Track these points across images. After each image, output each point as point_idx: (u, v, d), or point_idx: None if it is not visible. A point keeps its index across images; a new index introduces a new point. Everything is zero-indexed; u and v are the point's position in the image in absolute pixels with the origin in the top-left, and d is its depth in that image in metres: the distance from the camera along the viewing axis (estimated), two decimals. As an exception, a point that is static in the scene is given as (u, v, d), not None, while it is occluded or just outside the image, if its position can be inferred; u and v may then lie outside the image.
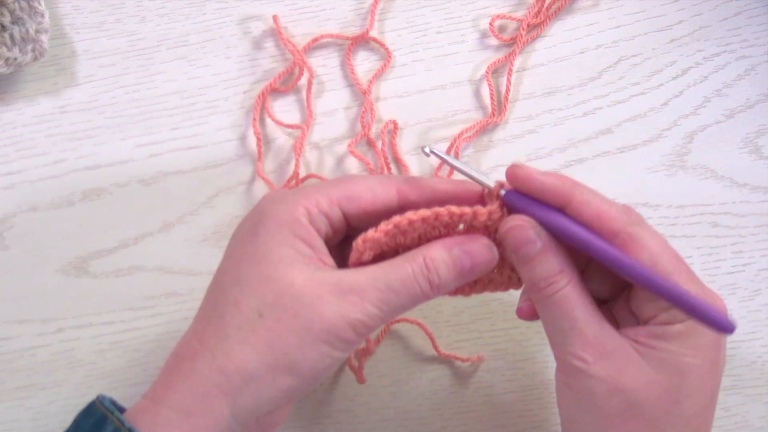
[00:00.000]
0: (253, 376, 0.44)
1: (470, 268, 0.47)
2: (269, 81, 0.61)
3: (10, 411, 0.59)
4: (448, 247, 0.47)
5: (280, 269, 0.45)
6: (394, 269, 0.46)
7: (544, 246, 0.46)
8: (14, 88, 0.61)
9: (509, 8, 0.63)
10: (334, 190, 0.48)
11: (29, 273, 0.60)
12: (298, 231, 0.46)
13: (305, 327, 0.44)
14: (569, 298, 0.46)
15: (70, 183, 0.61)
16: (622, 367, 0.45)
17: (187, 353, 0.46)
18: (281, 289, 0.45)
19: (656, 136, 0.63)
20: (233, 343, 0.45)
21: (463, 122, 0.62)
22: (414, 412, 0.61)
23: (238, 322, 0.45)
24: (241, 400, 0.44)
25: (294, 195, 0.47)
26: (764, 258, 0.62)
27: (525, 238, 0.46)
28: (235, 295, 0.46)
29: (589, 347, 0.45)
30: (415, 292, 0.46)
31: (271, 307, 0.45)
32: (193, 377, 0.45)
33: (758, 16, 0.64)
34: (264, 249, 0.46)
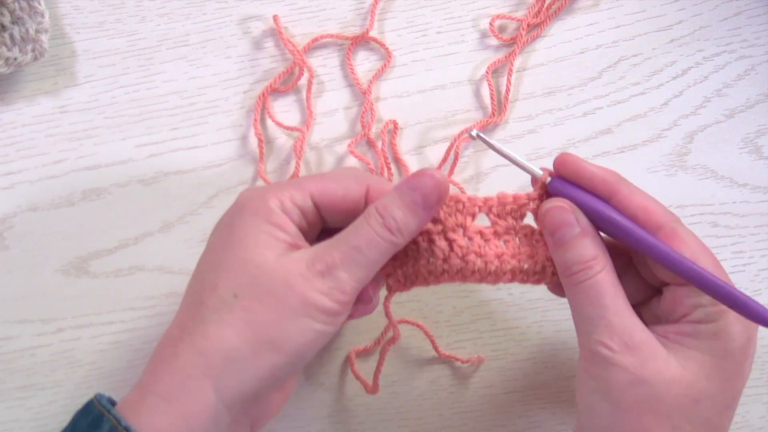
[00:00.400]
0: (233, 354, 0.44)
1: (422, 201, 0.47)
2: (269, 81, 0.61)
3: (10, 411, 0.59)
4: (397, 190, 0.47)
5: (254, 251, 0.46)
6: (354, 228, 0.47)
7: (583, 230, 0.46)
8: (14, 88, 0.61)
9: (509, 8, 0.63)
10: (307, 185, 0.49)
11: (29, 273, 0.60)
12: (271, 218, 0.47)
13: (281, 301, 0.45)
14: (601, 285, 0.46)
15: (70, 183, 0.61)
16: (647, 360, 0.45)
17: (169, 341, 0.47)
18: (255, 270, 0.45)
19: (656, 136, 0.63)
20: (210, 324, 0.45)
21: (463, 122, 0.62)
22: (414, 412, 0.61)
23: (214, 305, 0.45)
24: (224, 381, 0.44)
25: (268, 188, 0.49)
26: (764, 258, 0.62)
27: (564, 221, 0.46)
28: (212, 280, 0.46)
29: (615, 336, 0.45)
30: (378, 243, 0.46)
31: (246, 287, 0.45)
32: (173, 362, 0.45)
33: (758, 16, 0.64)
34: (239, 235, 0.47)
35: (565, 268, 0.47)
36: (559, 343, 0.61)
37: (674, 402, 0.45)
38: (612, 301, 0.46)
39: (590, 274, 0.46)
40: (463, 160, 0.62)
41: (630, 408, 0.45)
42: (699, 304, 0.46)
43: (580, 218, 0.46)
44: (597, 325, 0.45)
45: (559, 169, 0.48)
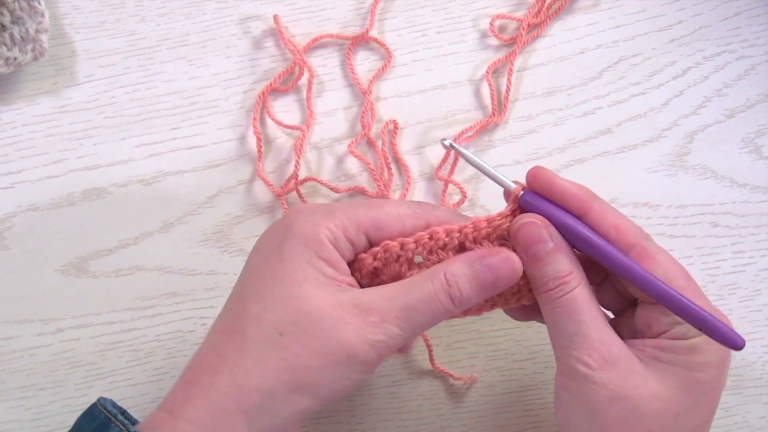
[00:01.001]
0: (271, 395, 0.44)
1: (492, 282, 0.46)
2: (269, 81, 0.61)
3: (10, 411, 0.59)
4: (469, 261, 0.46)
5: (303, 289, 0.45)
6: (415, 286, 0.46)
7: (556, 246, 0.46)
8: (14, 88, 0.61)
9: (509, 8, 0.63)
10: (363, 217, 0.47)
11: (29, 273, 0.60)
12: (322, 252, 0.46)
13: (325, 348, 0.44)
14: (577, 301, 0.45)
15: (70, 183, 0.61)
16: (626, 375, 0.44)
17: (206, 366, 0.45)
18: (303, 309, 0.44)
19: (656, 136, 0.63)
20: (253, 360, 0.44)
21: (463, 122, 0.62)
22: (414, 412, 0.61)
23: (258, 339, 0.44)
24: (258, 419, 0.44)
25: (323, 215, 0.47)
26: (764, 258, 0.62)
27: (537, 236, 0.46)
28: (257, 311, 0.45)
29: (594, 352, 0.45)
30: (436, 309, 0.45)
31: (291, 327, 0.44)
32: (211, 392, 0.44)
33: (758, 15, 0.64)
34: (289, 267, 0.45)
35: (541, 284, 0.46)
36: (559, 343, 0.61)
37: (655, 417, 0.44)
38: (589, 317, 0.45)
39: (566, 289, 0.45)
40: (463, 160, 0.62)
41: (611, 425, 0.45)
42: (675, 321, 0.46)
43: (552, 234, 0.46)
44: (574, 341, 0.45)
45: (531, 184, 0.47)
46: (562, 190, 0.46)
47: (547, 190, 0.47)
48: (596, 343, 0.45)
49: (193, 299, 0.60)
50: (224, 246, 0.61)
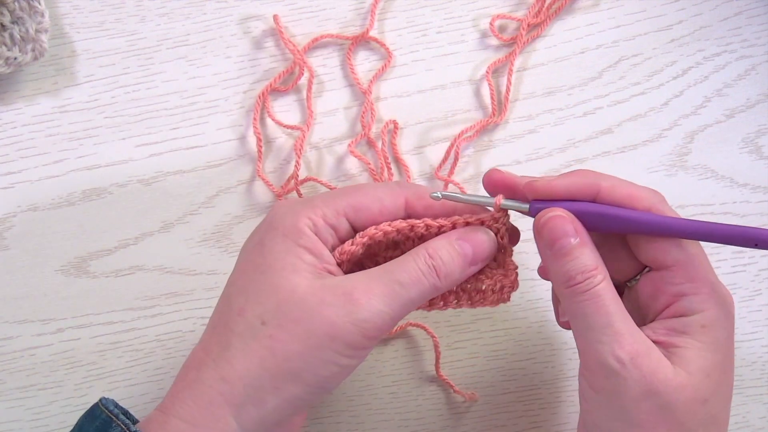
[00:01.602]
0: (255, 384, 0.44)
1: (473, 254, 0.47)
2: (269, 81, 0.61)
3: (10, 411, 0.59)
4: (449, 238, 0.47)
5: (284, 277, 0.45)
6: (398, 264, 0.46)
7: (581, 241, 0.46)
8: (14, 88, 0.61)
9: (509, 8, 0.63)
10: (341, 201, 0.47)
11: (29, 273, 0.60)
12: (302, 241, 0.46)
13: (307, 332, 0.44)
14: (606, 295, 0.45)
15: (70, 183, 0.61)
16: (655, 369, 0.44)
17: (193, 363, 0.46)
18: (284, 296, 0.44)
19: (656, 135, 0.63)
20: (235, 351, 0.44)
21: (463, 122, 0.62)
22: (414, 412, 0.61)
23: (241, 331, 0.45)
24: (245, 410, 0.44)
25: (301, 206, 0.47)
26: (765, 258, 0.62)
27: (562, 231, 0.45)
28: (240, 304, 0.45)
29: (626, 344, 0.44)
30: (421, 283, 0.46)
31: (273, 314, 0.44)
32: (197, 387, 0.45)
33: (759, 15, 0.64)
34: (269, 259, 0.46)
35: (567, 278, 0.45)
36: (559, 343, 0.61)
37: (685, 408, 0.44)
38: (616, 309, 0.45)
39: (594, 282, 0.45)
40: (463, 160, 0.62)
41: (644, 422, 0.44)
42: (681, 293, 0.46)
43: (578, 228, 0.46)
44: (605, 334, 0.44)
45: (533, 197, 0.47)
46: (565, 189, 0.46)
47: (550, 196, 0.47)
48: (627, 336, 0.44)
49: (193, 299, 0.60)
50: (224, 246, 0.61)
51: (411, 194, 0.49)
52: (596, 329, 0.45)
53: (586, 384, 0.46)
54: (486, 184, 0.49)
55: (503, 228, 0.48)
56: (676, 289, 0.46)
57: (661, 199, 0.47)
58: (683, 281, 0.46)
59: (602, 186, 0.46)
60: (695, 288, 0.46)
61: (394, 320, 0.45)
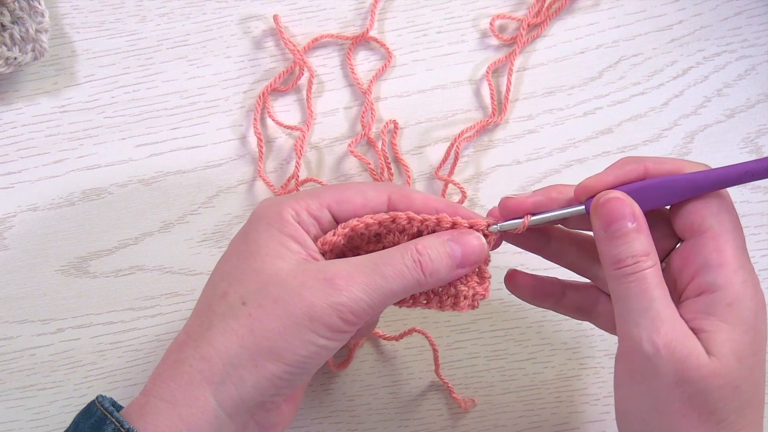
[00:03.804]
0: (233, 361, 0.44)
1: (462, 256, 0.47)
2: (269, 81, 0.61)
3: (10, 411, 0.59)
4: (440, 237, 0.47)
5: (267, 261, 0.46)
6: (384, 256, 0.46)
7: (638, 226, 0.46)
8: (14, 88, 0.61)
9: (509, 8, 0.63)
10: (325, 194, 0.48)
11: (29, 273, 0.60)
12: (286, 229, 0.47)
13: (287, 311, 0.44)
14: (652, 280, 0.45)
15: (70, 183, 0.61)
16: (687, 356, 0.44)
17: (174, 346, 0.47)
18: (266, 278, 0.45)
19: (657, 135, 0.63)
20: (215, 330, 0.45)
21: (463, 122, 0.62)
22: (414, 412, 0.61)
23: (222, 311, 0.45)
24: (224, 388, 0.44)
25: (285, 199, 0.48)
26: (764, 258, 0.62)
27: (620, 213, 0.46)
28: (223, 288, 0.46)
29: (662, 331, 0.44)
30: (404, 277, 0.46)
31: (254, 295, 0.45)
32: (177, 367, 0.45)
33: (759, 15, 0.64)
34: (253, 246, 0.47)
35: (616, 260, 0.46)
36: (559, 343, 0.61)
37: (718, 395, 0.44)
38: (660, 294, 0.45)
39: (643, 266, 0.45)
40: (463, 160, 0.62)
41: (675, 407, 0.44)
42: (706, 263, 0.45)
43: (636, 212, 0.46)
44: (645, 317, 0.45)
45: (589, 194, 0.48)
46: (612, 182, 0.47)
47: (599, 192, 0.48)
48: (665, 321, 0.44)
49: (193, 299, 0.60)
50: (224, 246, 0.60)
51: (395, 192, 0.49)
52: (636, 312, 0.45)
53: (623, 369, 0.46)
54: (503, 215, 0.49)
55: (493, 236, 0.49)
56: (702, 259, 0.46)
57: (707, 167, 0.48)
58: (711, 251, 0.46)
59: (648, 166, 0.47)
60: (721, 259, 0.45)
61: (374, 309, 0.46)
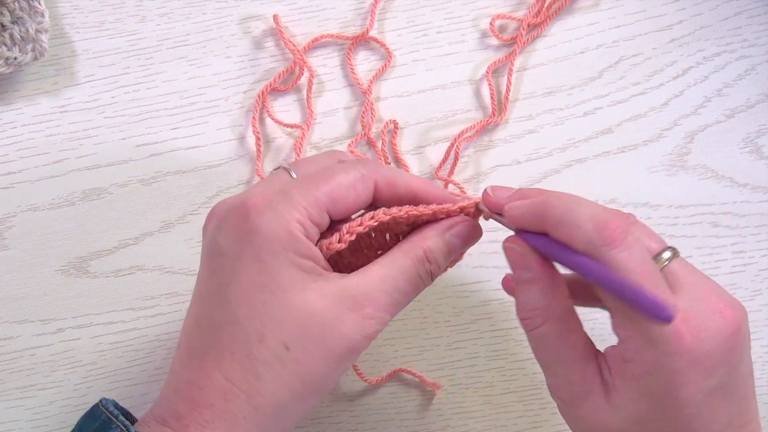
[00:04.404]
0: (286, 407, 0.45)
1: (460, 247, 0.49)
2: (269, 80, 0.61)
3: (10, 411, 0.59)
4: (441, 233, 0.48)
5: (296, 296, 0.44)
6: (398, 268, 0.46)
7: (532, 277, 0.45)
8: (14, 88, 0.61)
9: (509, 8, 0.63)
10: (319, 194, 0.46)
11: (29, 273, 0.60)
12: (300, 250, 0.45)
13: (329, 351, 0.45)
14: (545, 338, 0.45)
15: (70, 183, 0.61)
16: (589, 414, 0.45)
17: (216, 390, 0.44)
18: (301, 316, 0.44)
19: (657, 135, 0.63)
20: (265, 382, 0.44)
21: (463, 122, 0.62)
22: (414, 412, 0.61)
23: (266, 358, 0.44)
24: (270, 428, 0.45)
25: (284, 206, 0.45)
26: (765, 258, 0.62)
27: (514, 262, 0.46)
28: (257, 328, 0.44)
29: (562, 389, 0.46)
30: (418, 287, 0.47)
31: (295, 338, 0.44)
32: (228, 417, 0.44)
33: (759, 15, 0.64)
34: (276, 276, 0.44)
35: (518, 309, 0.46)
36: (559, 343, 0.61)
37: None
38: (555, 352, 0.45)
39: (534, 324, 0.45)
40: (463, 160, 0.62)
41: None
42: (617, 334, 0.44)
43: (531, 263, 0.45)
44: (548, 373, 0.47)
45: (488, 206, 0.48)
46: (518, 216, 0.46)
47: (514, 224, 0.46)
48: (562, 380, 0.46)
49: (193, 299, 0.60)
50: (224, 246, 0.60)
51: (381, 180, 0.48)
52: (542, 365, 0.47)
53: None
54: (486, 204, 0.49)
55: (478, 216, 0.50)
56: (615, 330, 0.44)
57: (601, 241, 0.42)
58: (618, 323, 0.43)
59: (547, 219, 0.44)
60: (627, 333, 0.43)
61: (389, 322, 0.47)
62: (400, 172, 0.50)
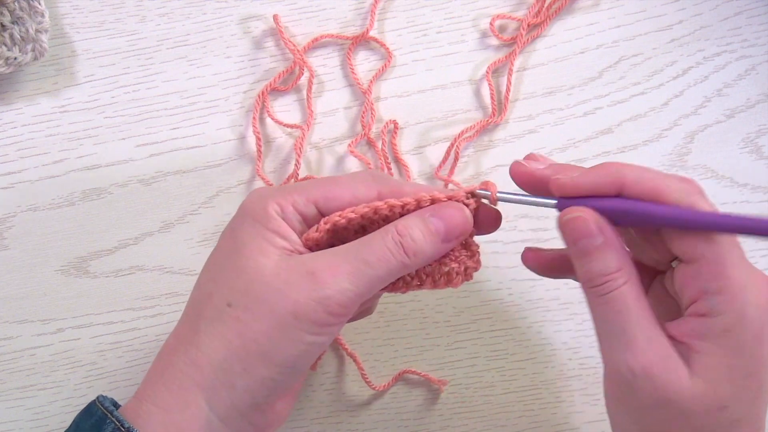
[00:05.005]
0: (223, 366, 0.44)
1: (445, 231, 0.46)
2: (269, 80, 0.61)
3: (10, 411, 0.59)
4: (421, 215, 0.46)
5: (251, 258, 0.45)
6: (365, 242, 0.45)
7: (605, 241, 0.44)
8: (14, 88, 0.61)
9: (509, 8, 0.63)
10: (313, 190, 0.47)
11: (29, 273, 0.60)
12: (270, 225, 0.46)
13: (272, 312, 0.44)
14: (625, 299, 0.43)
15: (70, 183, 0.61)
16: (670, 378, 0.43)
17: (165, 350, 0.47)
18: (251, 278, 0.45)
19: (657, 135, 0.63)
20: (203, 335, 0.45)
21: (463, 122, 0.62)
22: (414, 412, 0.61)
23: (210, 315, 0.45)
24: (215, 393, 0.44)
25: (271, 192, 0.47)
26: (764, 258, 0.62)
27: (585, 231, 0.44)
28: (209, 289, 0.46)
29: (639, 356, 0.43)
30: (389, 262, 0.45)
31: (240, 297, 0.44)
32: (168, 372, 0.45)
33: (759, 15, 0.64)
34: (238, 243, 0.46)
35: (587, 279, 0.44)
36: (559, 343, 0.61)
37: (702, 415, 0.43)
38: (636, 315, 0.43)
39: (613, 286, 0.43)
40: (463, 160, 0.62)
41: (659, 428, 0.44)
42: (705, 290, 0.43)
43: (602, 227, 0.44)
44: (620, 341, 0.43)
45: (560, 194, 0.46)
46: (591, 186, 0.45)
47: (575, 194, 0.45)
48: (641, 344, 0.43)
49: (193, 299, 0.60)
50: (224, 246, 0.61)
51: (384, 187, 0.48)
52: (612, 335, 0.44)
53: (608, 389, 0.46)
54: (513, 177, 0.47)
55: (473, 206, 0.47)
56: (701, 286, 0.44)
57: (691, 190, 0.45)
58: (708, 278, 0.43)
59: (627, 179, 0.44)
60: (720, 287, 0.43)
61: (361, 297, 0.45)
62: (409, 183, 0.49)
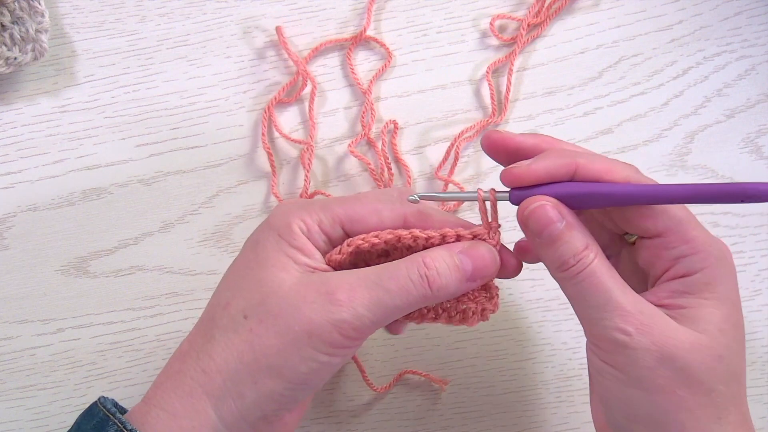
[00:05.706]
0: (233, 377, 0.44)
1: (473, 271, 0.46)
2: (270, 85, 0.61)
3: (10, 411, 0.59)
4: (450, 250, 0.46)
5: (271, 272, 0.45)
6: (388, 268, 0.45)
7: (568, 223, 0.45)
8: (14, 88, 0.61)
9: (509, 8, 0.63)
10: (339, 209, 0.47)
11: (29, 273, 0.60)
12: (294, 241, 0.46)
13: (286, 328, 0.44)
14: (600, 272, 0.44)
15: (70, 183, 0.61)
16: (664, 333, 0.44)
17: (177, 355, 0.47)
18: (269, 291, 0.45)
19: (657, 135, 0.63)
20: (216, 344, 0.45)
21: (463, 122, 0.62)
22: (414, 412, 0.61)
23: (224, 324, 0.45)
24: (224, 403, 0.44)
25: (298, 208, 0.47)
26: (764, 258, 0.62)
27: (547, 219, 0.45)
28: (227, 298, 0.46)
29: (629, 317, 0.44)
30: (410, 292, 0.45)
31: (256, 309, 0.45)
32: (178, 378, 0.45)
33: (759, 15, 0.64)
34: (261, 256, 0.46)
35: (560, 263, 0.45)
36: (559, 343, 0.61)
37: (702, 367, 0.44)
38: (614, 284, 0.44)
39: (586, 262, 0.44)
40: (463, 160, 0.62)
41: (664, 388, 0.44)
42: (679, 255, 0.45)
43: (562, 211, 0.45)
44: (607, 310, 0.44)
45: (512, 184, 0.46)
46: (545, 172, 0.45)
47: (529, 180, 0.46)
48: (629, 307, 0.44)
49: (193, 299, 0.60)
50: (224, 246, 0.61)
51: (412, 214, 0.48)
52: (597, 307, 0.44)
53: (597, 358, 0.46)
54: (485, 147, 0.48)
55: (497, 244, 0.48)
56: (674, 253, 0.45)
57: (636, 170, 0.47)
58: (679, 244, 0.45)
59: (579, 163, 0.45)
60: (692, 248, 0.45)
61: (376, 325, 0.45)
62: (437, 211, 0.49)
